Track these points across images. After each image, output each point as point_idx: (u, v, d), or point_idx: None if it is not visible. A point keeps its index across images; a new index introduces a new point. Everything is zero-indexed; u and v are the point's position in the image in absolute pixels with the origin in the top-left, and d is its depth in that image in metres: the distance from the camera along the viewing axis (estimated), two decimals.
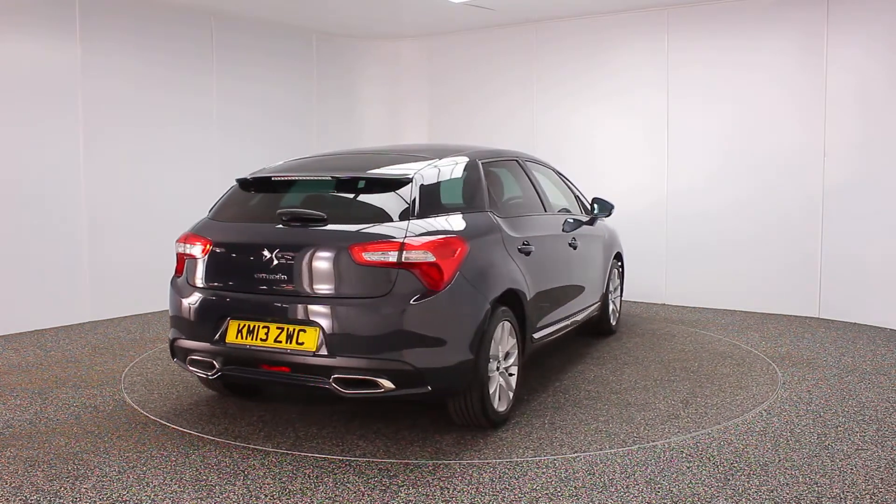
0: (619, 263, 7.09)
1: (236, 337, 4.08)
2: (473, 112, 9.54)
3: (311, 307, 3.92)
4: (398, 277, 3.85)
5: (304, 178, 4.49)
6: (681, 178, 8.19)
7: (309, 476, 3.73)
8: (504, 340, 4.41)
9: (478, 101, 9.51)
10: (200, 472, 3.77)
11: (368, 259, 3.86)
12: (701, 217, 8.06)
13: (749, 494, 3.50)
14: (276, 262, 4.01)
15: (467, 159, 4.79)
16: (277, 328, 3.98)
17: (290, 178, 4.49)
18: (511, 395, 4.52)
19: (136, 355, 6.12)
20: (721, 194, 7.93)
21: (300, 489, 3.58)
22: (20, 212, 6.97)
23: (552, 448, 4.05)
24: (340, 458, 3.95)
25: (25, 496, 3.50)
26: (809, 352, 6.20)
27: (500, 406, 4.38)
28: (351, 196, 4.34)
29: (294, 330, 3.94)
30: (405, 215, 4.02)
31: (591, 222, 6.33)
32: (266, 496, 3.50)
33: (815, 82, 7.36)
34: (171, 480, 3.67)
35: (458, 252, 4.05)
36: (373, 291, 3.87)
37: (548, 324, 5.16)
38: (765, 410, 4.71)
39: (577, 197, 6.42)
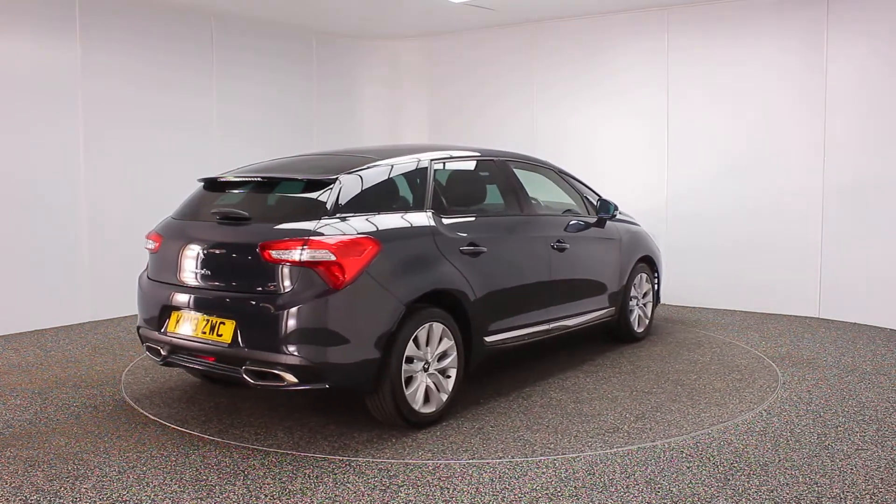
0: (652, 268, 6.76)
1: (175, 327, 4.39)
2: (473, 112, 9.55)
3: (229, 301, 4.17)
4: (301, 275, 4.00)
5: (246, 179, 4.67)
6: (681, 177, 8.19)
7: (309, 476, 3.73)
8: (434, 342, 4.43)
9: (478, 101, 9.51)
10: (200, 472, 3.77)
11: (275, 257, 4.03)
12: (701, 216, 8.06)
13: (749, 494, 3.50)
14: (203, 257, 4.33)
15: (415, 160, 4.81)
16: (205, 320, 4.24)
17: (236, 180, 4.69)
18: (445, 396, 4.51)
19: (136, 355, 6.12)
20: (721, 194, 7.93)
21: (300, 489, 3.58)
22: (20, 212, 6.97)
23: (454, 453, 4.01)
24: (341, 457, 3.95)
25: (25, 496, 3.50)
26: (809, 352, 6.20)
27: (427, 407, 4.40)
28: (280, 197, 4.57)
29: (216, 322, 4.18)
30: (318, 215, 4.16)
31: (599, 224, 6.11)
32: (266, 496, 3.50)
33: (815, 82, 7.36)
34: (171, 480, 3.67)
35: (365, 252, 4.11)
36: (278, 288, 4.03)
37: (511, 327, 5.06)
38: (765, 410, 4.71)
39: (584, 198, 6.17)
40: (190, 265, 4.37)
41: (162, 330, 4.45)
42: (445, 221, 4.68)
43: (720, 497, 3.47)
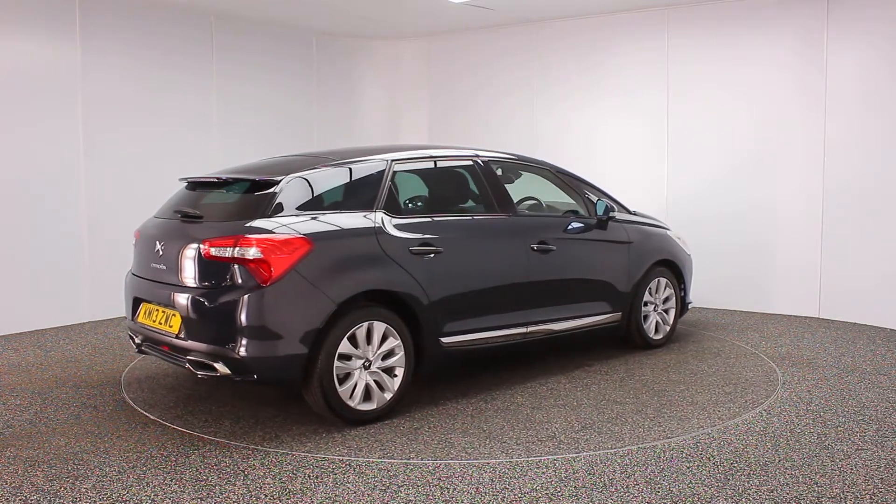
0: (675, 273, 6.44)
1: (142, 318, 4.74)
2: (473, 112, 9.54)
3: (177, 295, 4.43)
4: (233, 271, 4.21)
5: (208, 179, 4.87)
6: (681, 177, 8.19)
7: (309, 476, 3.73)
8: (375, 340, 4.47)
9: (478, 101, 9.51)
10: (200, 472, 3.77)
11: (213, 254, 4.27)
12: (701, 216, 8.05)
13: (749, 494, 3.50)
14: (162, 253, 4.60)
15: (373, 161, 4.85)
16: (162, 312, 4.54)
17: (205, 180, 4.89)
18: (389, 395, 4.53)
19: (136, 355, 6.12)
20: (722, 193, 7.93)
21: (300, 489, 3.58)
22: (20, 212, 6.97)
23: (368, 452, 4.02)
24: (341, 457, 3.96)
25: (25, 496, 3.50)
26: (809, 352, 6.20)
27: (367, 405, 4.45)
28: (233, 196, 4.74)
29: (170, 314, 4.47)
30: (257, 215, 4.36)
31: (601, 225, 5.87)
32: (266, 496, 3.50)
33: (816, 81, 7.36)
34: (171, 480, 3.67)
35: (295, 251, 4.24)
36: (214, 283, 4.28)
37: (474, 329, 4.99)
38: (765, 410, 4.71)
39: (585, 199, 5.94)
40: (155, 260, 4.65)
41: (134, 319, 4.82)
42: (394, 222, 4.68)
43: (720, 497, 3.47)
